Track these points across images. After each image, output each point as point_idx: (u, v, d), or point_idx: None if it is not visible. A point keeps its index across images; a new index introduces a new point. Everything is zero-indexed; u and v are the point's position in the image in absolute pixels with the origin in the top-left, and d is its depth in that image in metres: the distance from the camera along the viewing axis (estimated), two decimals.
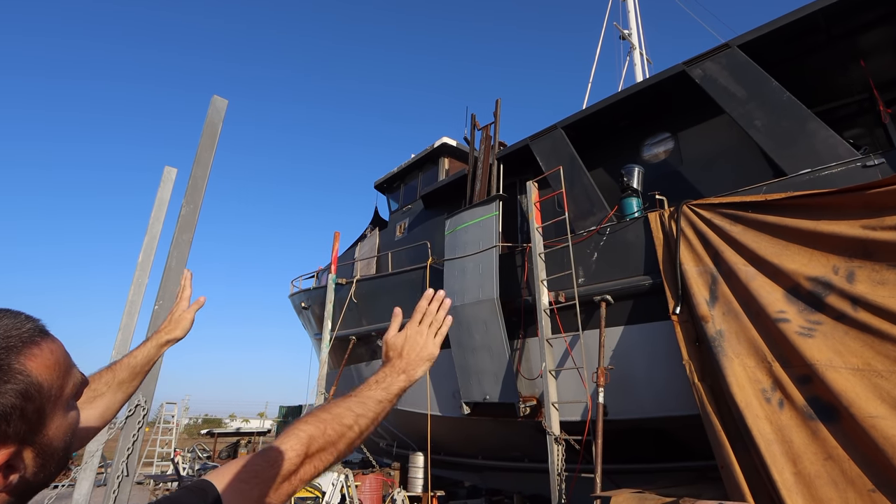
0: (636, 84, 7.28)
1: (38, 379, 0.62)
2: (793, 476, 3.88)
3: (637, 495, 4.35)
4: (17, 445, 0.60)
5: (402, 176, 12.20)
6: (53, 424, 0.65)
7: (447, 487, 9.59)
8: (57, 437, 0.65)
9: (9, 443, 0.59)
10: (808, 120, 5.21)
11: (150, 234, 5.92)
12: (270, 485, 0.79)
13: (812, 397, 4.05)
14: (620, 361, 5.97)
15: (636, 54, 13.59)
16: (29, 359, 0.62)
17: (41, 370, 0.63)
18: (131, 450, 3.96)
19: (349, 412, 0.92)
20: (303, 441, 0.84)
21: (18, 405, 0.59)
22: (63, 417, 0.67)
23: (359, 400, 0.97)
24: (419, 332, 1.14)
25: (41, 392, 0.62)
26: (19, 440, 0.60)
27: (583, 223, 6.81)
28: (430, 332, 1.15)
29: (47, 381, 0.63)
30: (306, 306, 12.69)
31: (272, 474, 0.80)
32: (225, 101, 5.08)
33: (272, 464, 0.81)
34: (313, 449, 0.85)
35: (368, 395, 0.99)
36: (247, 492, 0.76)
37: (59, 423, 0.66)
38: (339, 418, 0.90)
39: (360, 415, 0.94)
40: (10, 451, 0.59)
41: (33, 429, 0.62)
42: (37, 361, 0.63)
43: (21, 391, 0.60)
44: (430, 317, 1.17)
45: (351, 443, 0.91)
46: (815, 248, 4.40)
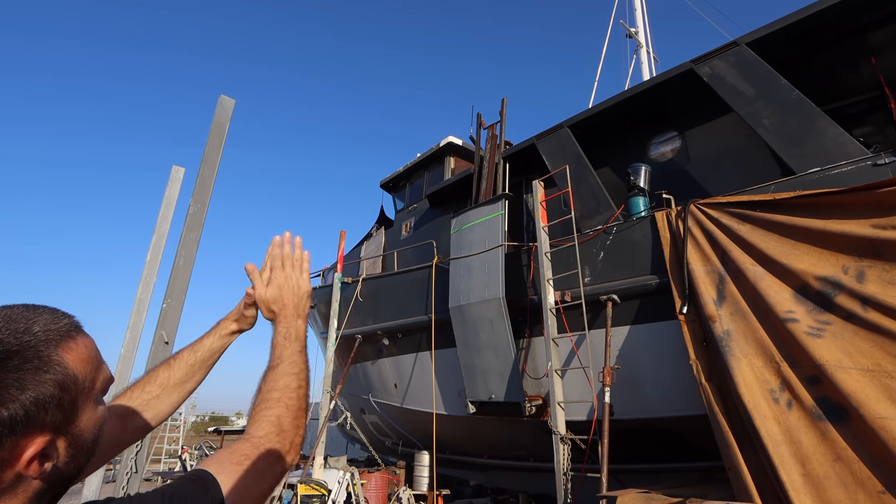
0: (643, 82, 7.24)
1: (74, 371, 0.65)
2: (801, 477, 3.85)
3: (643, 495, 4.34)
4: (52, 434, 0.63)
5: (408, 175, 12.21)
6: (85, 416, 0.68)
7: (452, 486, 9.60)
8: (87, 430, 0.68)
9: (45, 431, 0.62)
10: (817, 118, 5.16)
11: (159, 233, 5.96)
12: (262, 464, 0.83)
13: (821, 398, 4.02)
14: (627, 361, 5.94)
15: (643, 52, 13.52)
16: (66, 351, 0.65)
17: (76, 363, 0.66)
18: (140, 447, 4.00)
19: (290, 377, 0.98)
20: (273, 423, 0.90)
21: (56, 395, 0.62)
22: (93, 410, 0.70)
23: (287, 362, 1.01)
24: (287, 275, 1.14)
25: (76, 383, 0.65)
26: (54, 429, 0.63)
27: (589, 222, 6.79)
28: (296, 271, 1.15)
29: (81, 373, 0.67)
30: (312, 305, 12.73)
31: (261, 455, 0.84)
32: (232, 101, 5.11)
33: (257, 447, 0.85)
34: (286, 423, 0.91)
35: (290, 353, 1.03)
36: (240, 473, 0.80)
37: (89, 415, 0.69)
38: (288, 387, 0.96)
39: (298, 372, 1.00)
40: (46, 440, 0.62)
41: (67, 419, 0.65)
42: (72, 354, 0.66)
43: (58, 381, 0.63)
44: (289, 259, 1.16)
45: (307, 395, 0.99)
46: (825, 248, 4.36)
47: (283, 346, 1.04)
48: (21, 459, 0.60)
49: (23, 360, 0.61)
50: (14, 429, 0.59)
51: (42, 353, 0.63)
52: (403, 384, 9.56)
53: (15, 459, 0.60)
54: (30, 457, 0.60)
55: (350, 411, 10.60)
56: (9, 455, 0.59)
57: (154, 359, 4.31)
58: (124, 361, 5.48)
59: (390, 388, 9.98)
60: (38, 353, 0.63)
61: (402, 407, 9.66)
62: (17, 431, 0.59)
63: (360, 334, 10.24)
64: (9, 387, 0.59)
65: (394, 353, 9.71)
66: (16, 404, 0.59)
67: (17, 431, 0.59)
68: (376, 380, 10.42)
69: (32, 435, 0.61)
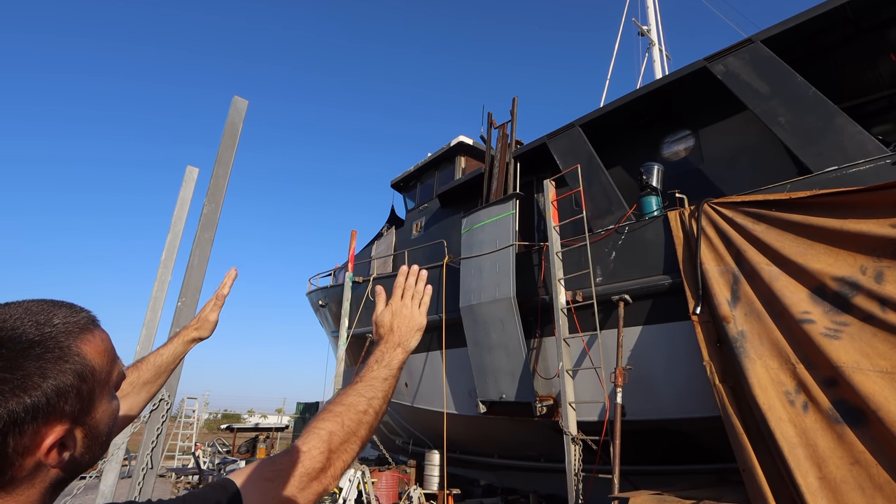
0: (656, 81, 7.17)
1: (92, 362, 0.67)
2: (817, 480, 3.79)
3: (656, 497, 4.30)
4: (71, 424, 0.65)
5: (419, 175, 12.23)
6: (101, 408, 0.69)
7: (463, 486, 9.60)
8: (102, 421, 0.70)
9: (65, 420, 0.64)
10: (834, 116, 5.08)
11: (173, 233, 6.04)
12: (296, 483, 0.80)
13: (838, 400, 3.95)
14: (639, 362, 5.90)
15: (655, 50, 13.39)
16: (84, 343, 0.67)
17: (94, 354, 0.68)
18: (155, 443, 4.06)
19: (360, 398, 0.95)
20: (324, 438, 0.86)
21: (75, 384, 0.64)
22: (108, 403, 0.71)
23: (366, 384, 0.98)
24: (404, 304, 1.17)
25: (93, 374, 0.67)
26: (73, 419, 0.65)
27: (601, 222, 6.75)
28: (415, 304, 1.18)
29: (98, 365, 0.68)
30: (323, 304, 12.82)
31: (297, 472, 0.81)
32: (245, 102, 5.16)
33: (296, 462, 0.82)
34: (336, 443, 0.87)
35: (373, 376, 1.01)
36: (269, 490, 0.78)
37: (104, 407, 0.70)
38: (353, 407, 0.92)
39: (372, 397, 0.96)
40: (65, 429, 0.64)
41: (85, 409, 0.66)
42: (90, 346, 0.68)
43: (77, 371, 0.65)
44: (411, 290, 1.19)
45: (370, 426, 0.94)
46: (842, 248, 4.29)
47: (371, 367, 1.04)
48: (41, 447, 0.61)
49: (44, 350, 0.63)
50: (36, 416, 0.60)
51: (62, 344, 0.65)
52: (414, 383, 9.58)
53: (35, 447, 0.61)
54: (49, 445, 0.62)
55: None
56: (30, 442, 0.61)
57: None
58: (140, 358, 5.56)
59: (401, 388, 10.02)
60: (59, 343, 0.64)
61: (412, 406, 9.69)
62: (38, 419, 0.61)
63: (370, 333, 10.29)
64: (32, 375, 0.61)
65: None
66: (38, 392, 0.60)
67: (39, 419, 0.61)
68: None
69: (52, 423, 0.62)
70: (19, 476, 0.61)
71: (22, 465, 0.61)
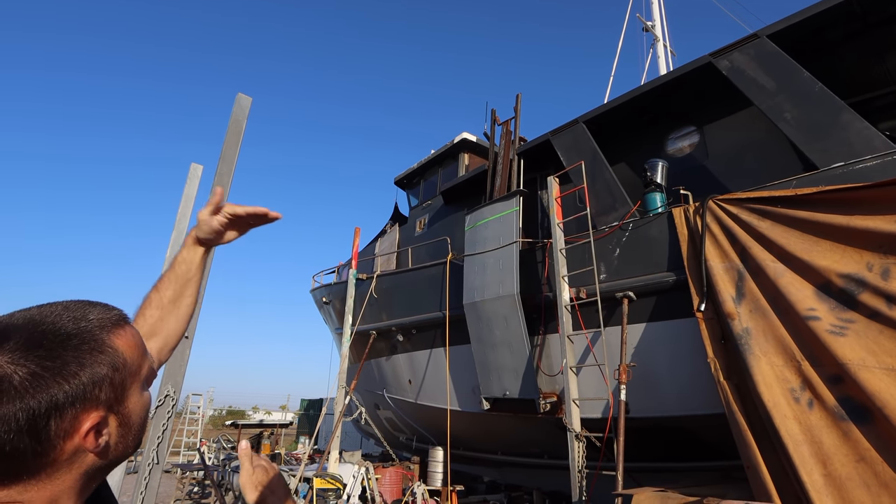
0: (660, 77, 7.14)
1: (123, 354, 0.73)
2: (822, 478, 3.78)
3: (659, 494, 4.30)
4: (106, 411, 0.71)
5: (422, 172, 12.22)
6: (132, 398, 0.75)
7: (466, 482, 9.63)
8: (135, 412, 0.76)
9: (100, 407, 0.69)
10: (841, 111, 5.04)
11: (178, 230, 6.06)
12: None
13: (843, 397, 3.93)
14: (643, 359, 5.89)
15: (660, 46, 13.32)
16: (117, 337, 0.73)
17: (126, 348, 0.74)
18: (161, 438, 4.08)
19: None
20: None
21: (109, 374, 0.70)
22: (139, 395, 0.77)
23: None
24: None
25: (126, 366, 0.73)
26: (108, 406, 0.71)
27: (605, 219, 6.73)
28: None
29: (130, 357, 0.74)
30: (327, 301, 12.85)
31: None
32: (249, 99, 5.16)
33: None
34: None
35: None
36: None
37: (136, 398, 0.76)
38: None
39: None
40: (101, 415, 0.69)
41: (118, 398, 0.72)
42: (122, 340, 0.74)
43: (111, 362, 0.71)
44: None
45: None
46: (848, 244, 4.26)
47: None
48: (80, 431, 0.67)
49: (81, 342, 0.68)
50: (75, 402, 0.66)
51: (97, 337, 0.70)
52: (418, 380, 9.60)
53: (75, 431, 0.66)
54: (87, 429, 0.67)
55: (365, 407, 10.68)
56: (70, 427, 0.66)
57: (174, 352, 4.39)
58: None
59: (404, 384, 10.04)
60: (94, 336, 0.70)
61: (416, 403, 9.71)
62: (76, 404, 0.66)
63: (374, 330, 10.30)
64: (70, 363, 0.66)
65: (408, 349, 9.75)
66: (76, 380, 0.66)
67: (77, 404, 0.66)
68: (391, 376, 10.48)
69: (89, 409, 0.68)
70: (61, 459, 0.66)
71: (63, 448, 0.66)
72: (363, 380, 11.04)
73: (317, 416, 21.29)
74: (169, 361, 4.60)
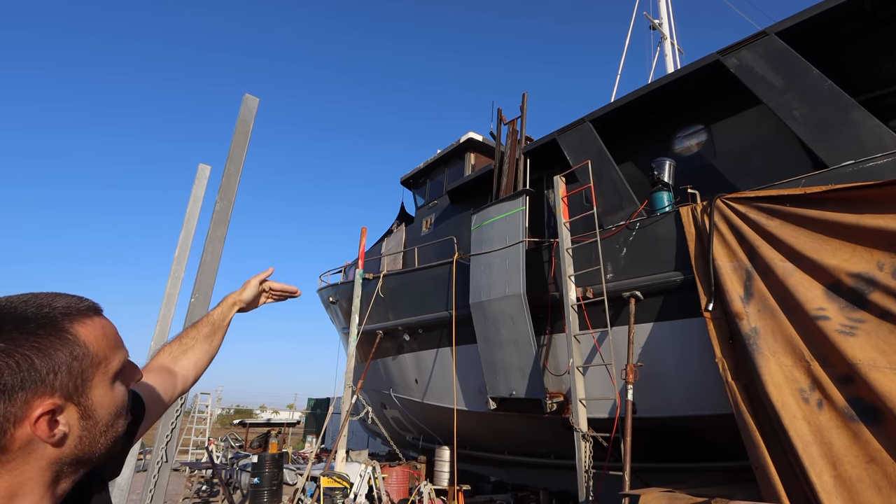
0: (668, 75, 7.10)
1: (86, 343, 0.71)
2: (832, 479, 3.75)
3: (667, 494, 4.28)
4: (63, 400, 0.68)
5: (429, 171, 12.22)
6: (98, 391, 0.73)
7: (473, 482, 9.63)
8: (101, 406, 0.73)
9: (56, 395, 0.67)
10: (851, 109, 4.99)
11: (186, 230, 6.11)
12: None
13: (854, 398, 3.89)
14: (650, 358, 5.86)
15: (667, 44, 13.23)
16: (82, 326, 0.72)
17: (89, 337, 0.72)
18: (170, 437, 4.12)
19: None
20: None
21: (66, 361, 0.68)
22: (108, 389, 0.74)
23: None
24: None
25: (87, 355, 0.71)
26: (65, 395, 0.69)
27: (611, 218, 6.70)
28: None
29: (94, 347, 0.72)
30: (334, 301, 12.89)
31: None
32: (256, 99, 5.19)
33: None
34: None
35: None
36: None
37: (103, 391, 0.73)
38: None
39: None
40: (56, 403, 0.67)
41: (78, 388, 0.70)
42: (87, 329, 0.72)
43: (69, 349, 0.69)
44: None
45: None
46: (859, 243, 4.22)
47: None
48: (30, 416, 0.65)
49: (38, 326, 0.67)
50: (24, 385, 0.64)
51: (57, 324, 0.69)
52: (424, 380, 9.61)
53: (25, 417, 0.64)
54: (38, 414, 0.65)
55: (371, 406, 10.72)
56: (20, 412, 0.64)
57: None
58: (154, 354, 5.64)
59: (411, 384, 10.05)
60: (54, 322, 0.69)
61: (422, 402, 9.72)
62: (27, 388, 0.64)
63: (381, 330, 10.33)
64: (22, 346, 0.65)
65: (414, 348, 9.77)
66: (28, 363, 0.65)
67: (27, 388, 0.64)
68: (397, 375, 10.50)
69: (42, 395, 0.66)
70: (13, 447, 0.64)
71: (14, 435, 0.64)
72: (370, 379, 11.07)
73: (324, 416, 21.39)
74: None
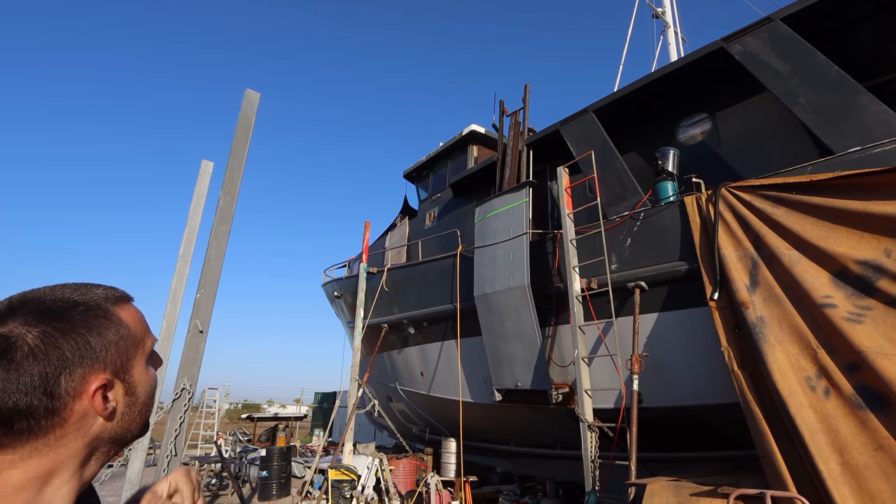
0: (671, 63, 7.03)
1: (128, 324, 0.78)
2: (839, 466, 3.74)
3: (673, 483, 4.29)
4: (113, 376, 0.74)
5: (431, 165, 12.20)
6: (138, 369, 0.79)
7: (479, 473, 9.69)
8: (140, 384, 0.79)
9: (107, 370, 0.73)
10: (858, 94, 4.93)
11: (190, 226, 6.13)
12: None
13: (861, 386, 3.88)
14: (655, 348, 5.86)
15: (670, 33, 13.09)
16: (121, 309, 0.79)
17: (130, 320, 0.79)
18: (178, 430, 4.16)
19: None
20: None
21: (114, 339, 0.75)
22: (145, 368, 0.81)
23: None
24: None
25: (129, 335, 0.78)
26: (114, 371, 0.74)
27: (615, 208, 6.68)
28: None
29: (134, 328, 0.79)
30: (339, 295, 12.94)
31: None
32: (258, 95, 5.18)
33: None
34: None
35: None
36: None
37: (141, 370, 0.80)
38: None
39: None
40: (108, 378, 0.73)
41: (124, 366, 0.76)
42: (126, 313, 0.79)
43: (116, 329, 0.76)
44: None
45: None
46: (866, 230, 4.18)
47: None
48: (88, 391, 0.70)
49: (87, 308, 0.74)
50: (83, 360, 0.70)
51: (103, 307, 0.76)
52: (430, 372, 9.65)
53: (83, 391, 0.70)
54: (95, 388, 0.71)
55: (377, 399, 10.77)
56: (79, 385, 0.69)
57: (189, 346, 4.47)
58: (161, 350, 5.69)
59: (416, 377, 10.10)
60: (100, 305, 0.76)
61: (428, 395, 9.77)
62: (84, 363, 0.70)
63: (386, 323, 10.36)
64: (78, 326, 0.71)
65: (420, 341, 9.80)
66: (84, 340, 0.71)
67: (85, 364, 0.70)
68: (403, 368, 10.54)
69: (97, 370, 0.71)
70: (71, 420, 0.69)
71: (73, 408, 0.69)
72: (376, 372, 11.13)
73: (330, 409, 21.51)
74: (184, 356, 4.68)
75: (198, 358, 4.44)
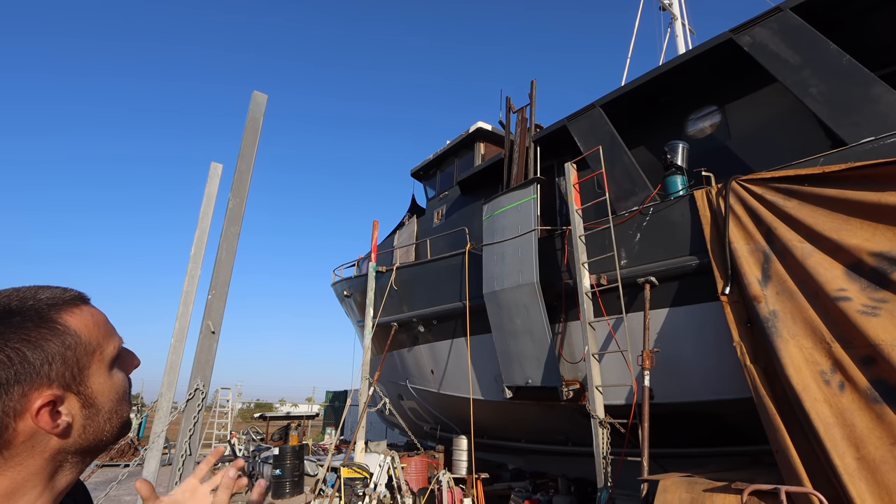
0: (679, 56, 6.95)
1: (77, 331, 0.70)
2: (855, 461, 3.70)
3: (686, 479, 4.26)
4: (62, 390, 0.68)
5: (438, 163, 12.20)
6: (96, 379, 0.72)
7: (491, 470, 9.70)
8: (102, 394, 0.73)
9: (53, 385, 0.67)
10: (871, 84, 4.84)
11: (201, 228, 6.19)
12: None
13: (877, 379, 3.82)
14: (666, 344, 5.82)
15: (678, 25, 12.95)
16: (70, 315, 0.71)
17: (80, 326, 0.71)
18: (193, 430, 4.21)
19: None
20: None
21: (59, 351, 0.67)
22: (106, 376, 0.74)
23: None
24: None
25: (79, 343, 0.70)
26: (63, 385, 0.68)
27: (624, 203, 6.63)
28: None
29: (85, 336, 0.71)
30: (348, 294, 13.00)
31: None
32: (265, 96, 5.22)
33: None
34: None
35: None
36: None
37: (102, 379, 0.73)
38: None
39: None
40: (55, 394, 0.67)
41: (76, 377, 0.69)
42: (75, 318, 0.71)
43: (61, 339, 0.68)
44: None
45: None
46: (880, 222, 4.12)
47: None
48: (31, 409, 0.64)
49: (24, 319, 0.67)
50: (19, 378, 0.63)
51: (44, 315, 0.68)
52: (440, 370, 9.67)
53: (25, 410, 0.64)
54: (38, 406, 0.64)
55: (388, 397, 10.82)
56: (19, 405, 0.63)
57: (202, 347, 4.52)
58: (174, 350, 5.76)
59: (427, 375, 10.12)
60: (41, 313, 0.68)
61: (439, 392, 9.79)
62: (22, 381, 0.64)
63: (395, 322, 10.40)
64: (11, 340, 0.64)
65: (429, 339, 9.82)
66: (19, 355, 0.64)
67: (23, 381, 0.64)
68: (413, 366, 10.58)
69: (39, 387, 0.65)
70: (16, 441, 0.64)
71: (16, 429, 0.63)
72: (386, 371, 11.17)
73: (342, 408, 21.66)
74: (197, 357, 4.73)
75: (210, 358, 4.50)
